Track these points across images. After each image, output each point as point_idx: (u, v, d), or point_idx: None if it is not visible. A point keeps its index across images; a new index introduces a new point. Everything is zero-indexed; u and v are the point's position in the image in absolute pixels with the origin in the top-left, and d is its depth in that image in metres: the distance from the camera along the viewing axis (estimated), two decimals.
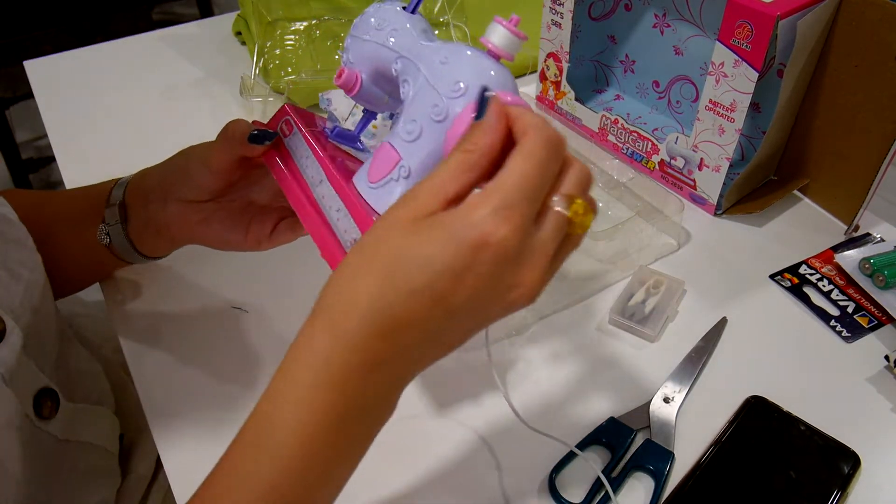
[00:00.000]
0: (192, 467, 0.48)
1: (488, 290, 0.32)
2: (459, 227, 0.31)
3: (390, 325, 0.32)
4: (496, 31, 0.38)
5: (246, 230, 0.53)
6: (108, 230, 0.54)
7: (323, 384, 0.33)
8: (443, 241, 0.31)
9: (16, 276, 0.48)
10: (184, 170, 0.51)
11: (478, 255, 0.31)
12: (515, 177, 0.32)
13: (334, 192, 0.41)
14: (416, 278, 0.32)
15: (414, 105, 0.39)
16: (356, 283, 0.33)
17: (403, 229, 0.32)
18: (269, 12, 0.86)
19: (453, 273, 0.31)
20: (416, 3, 0.42)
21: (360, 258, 0.33)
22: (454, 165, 0.33)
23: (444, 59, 0.38)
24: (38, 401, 0.49)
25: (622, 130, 0.73)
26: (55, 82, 0.88)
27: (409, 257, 0.32)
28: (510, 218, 0.31)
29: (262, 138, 0.46)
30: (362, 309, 0.32)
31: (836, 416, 0.50)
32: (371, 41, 0.42)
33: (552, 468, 0.48)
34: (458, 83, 0.36)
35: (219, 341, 0.57)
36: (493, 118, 0.33)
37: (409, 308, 0.32)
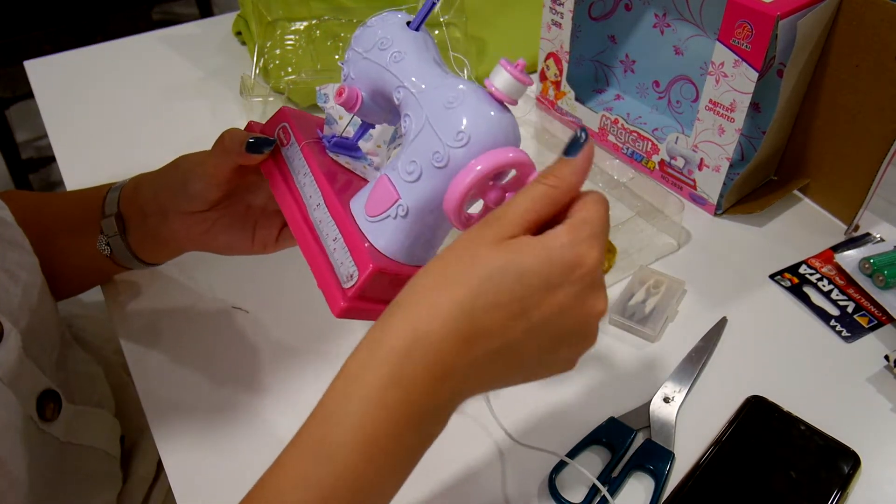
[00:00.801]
0: (193, 468, 0.49)
1: (573, 309, 0.34)
2: (556, 247, 0.33)
3: (472, 332, 0.33)
4: (500, 76, 0.37)
5: (251, 235, 0.52)
6: (107, 241, 0.53)
7: (394, 383, 0.33)
8: (540, 257, 0.33)
9: (14, 278, 0.48)
10: (180, 182, 0.50)
11: (571, 274, 0.33)
12: (598, 215, 0.35)
13: (331, 219, 0.41)
14: (507, 289, 0.33)
15: (415, 145, 0.38)
16: (441, 292, 0.33)
17: (492, 246, 0.34)
18: (269, 12, 0.86)
19: (546, 288, 0.33)
20: (420, 20, 0.41)
21: (445, 270, 0.34)
22: (539, 196, 0.35)
23: (448, 103, 0.37)
24: (41, 402, 0.49)
25: (622, 130, 0.73)
26: (55, 82, 0.88)
27: (502, 269, 0.33)
28: (599, 245, 0.34)
29: (260, 146, 0.45)
30: (446, 313, 0.33)
31: (836, 416, 0.50)
32: (373, 62, 0.41)
33: (552, 469, 0.48)
34: (460, 132, 0.37)
35: (219, 341, 0.57)
36: (584, 161, 0.35)
37: (493, 320, 0.33)
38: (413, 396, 0.33)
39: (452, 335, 0.33)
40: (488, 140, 0.37)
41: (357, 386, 0.33)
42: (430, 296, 0.33)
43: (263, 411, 0.52)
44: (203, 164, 0.49)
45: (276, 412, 0.52)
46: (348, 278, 0.39)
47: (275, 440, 0.50)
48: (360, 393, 0.33)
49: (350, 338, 0.56)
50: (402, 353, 0.33)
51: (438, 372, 0.33)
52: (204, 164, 0.48)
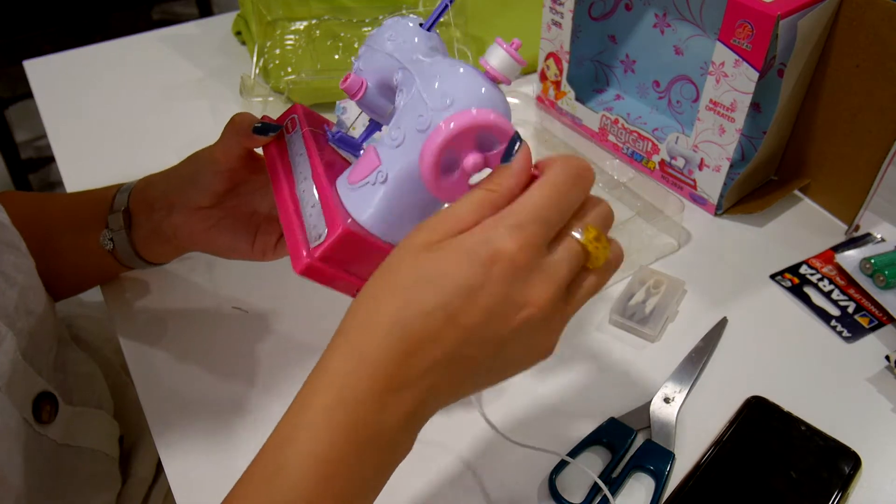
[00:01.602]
0: (193, 469, 0.49)
1: (500, 309, 0.33)
2: (472, 245, 0.33)
3: (408, 345, 0.32)
4: (495, 53, 0.38)
5: (252, 240, 0.52)
6: (111, 235, 0.54)
7: (339, 406, 0.32)
8: (456, 259, 0.32)
9: (9, 281, 0.48)
10: (190, 175, 0.51)
11: (490, 272, 0.32)
12: (531, 200, 0.33)
13: (314, 188, 0.42)
14: (430, 297, 0.32)
15: (402, 113, 0.39)
16: (375, 306, 0.33)
17: (418, 253, 0.33)
18: (268, 12, 0.86)
19: (466, 290, 0.32)
20: (432, 21, 0.42)
21: (378, 283, 0.34)
22: (475, 200, 0.34)
23: (439, 73, 0.38)
24: (37, 405, 0.49)
25: (622, 130, 0.73)
26: (54, 82, 0.88)
27: (424, 277, 0.33)
28: (522, 235, 0.33)
29: (266, 130, 0.47)
30: (381, 329, 0.32)
31: (837, 416, 0.50)
32: (380, 51, 0.42)
33: (552, 469, 0.48)
34: (446, 97, 0.37)
35: (219, 341, 0.57)
36: (520, 164, 0.35)
37: (425, 328, 0.32)
38: (361, 417, 0.32)
39: (390, 350, 0.32)
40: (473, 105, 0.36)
41: (306, 412, 0.33)
42: (364, 313, 0.34)
43: (263, 412, 0.52)
44: (212, 151, 0.50)
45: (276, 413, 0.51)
46: (317, 238, 0.39)
47: None
48: (309, 419, 0.33)
49: None
50: (345, 373, 0.33)
51: (383, 388, 0.32)
52: (213, 151, 0.50)
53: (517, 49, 0.37)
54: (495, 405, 0.52)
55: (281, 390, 0.53)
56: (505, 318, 0.33)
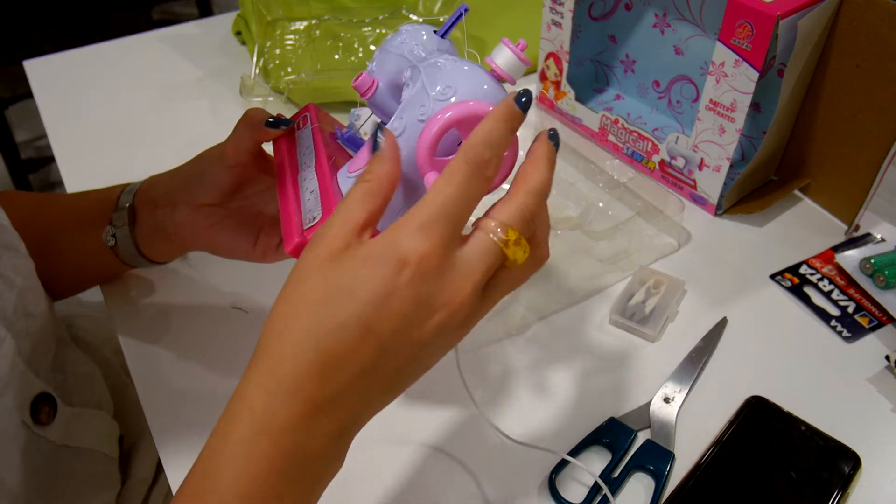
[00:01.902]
0: None
1: (414, 313, 0.32)
2: (379, 250, 0.32)
3: (323, 363, 0.31)
4: (501, 53, 0.38)
5: (254, 240, 0.52)
6: (114, 232, 0.54)
7: (259, 436, 0.31)
8: (365, 266, 0.32)
9: (8, 283, 0.48)
10: (197, 173, 0.51)
11: (400, 276, 0.31)
12: (433, 197, 0.32)
13: (314, 175, 0.42)
14: (342, 310, 0.31)
15: (406, 105, 0.39)
16: (286, 328, 0.32)
17: (323, 265, 0.32)
18: (268, 12, 0.86)
19: (378, 298, 0.31)
20: (447, 28, 0.43)
21: (287, 303, 0.33)
22: (357, 195, 0.34)
23: (444, 69, 0.38)
24: (36, 406, 0.49)
25: (622, 130, 0.73)
26: (54, 82, 0.88)
27: (333, 290, 0.32)
28: (429, 235, 0.32)
29: (278, 124, 0.48)
30: (294, 350, 0.31)
31: (837, 416, 0.50)
32: (393, 53, 0.43)
33: (552, 469, 0.48)
34: (449, 90, 0.37)
35: (219, 341, 0.57)
36: (386, 149, 0.35)
37: (339, 342, 0.31)
38: (284, 445, 0.31)
39: (305, 370, 0.31)
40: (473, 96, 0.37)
41: (227, 445, 0.32)
42: (278, 333, 0.32)
43: None
44: (221, 147, 0.50)
45: None
46: (311, 220, 0.39)
47: None
48: (229, 453, 0.31)
49: None
50: (264, 401, 0.31)
51: (305, 411, 0.31)
52: (222, 147, 0.50)
53: (523, 50, 0.38)
54: (495, 405, 0.52)
55: None
56: (421, 321, 0.32)
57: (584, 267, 0.61)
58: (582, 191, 0.69)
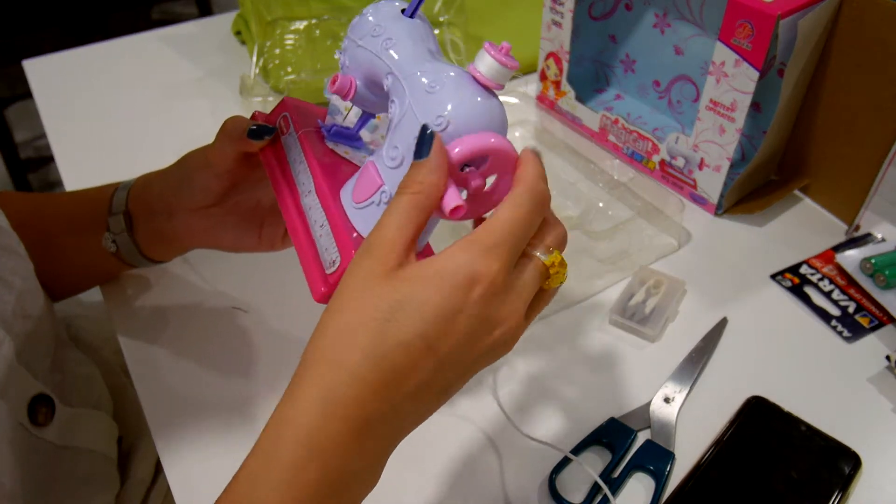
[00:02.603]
0: (193, 469, 0.49)
1: (476, 331, 0.33)
2: (450, 268, 0.32)
3: (383, 379, 0.31)
4: (484, 60, 0.36)
5: (258, 233, 0.52)
6: (114, 238, 0.53)
7: (309, 462, 0.31)
8: (433, 284, 0.32)
9: (8, 285, 0.48)
10: (186, 178, 0.50)
11: (469, 294, 0.32)
12: (504, 222, 0.33)
13: (320, 205, 0.41)
14: (408, 327, 0.31)
15: (398, 131, 0.38)
16: (344, 342, 0.32)
17: (382, 281, 0.32)
18: (268, 12, 0.86)
19: (445, 316, 0.31)
20: (414, 7, 0.41)
21: (342, 318, 0.32)
22: (406, 208, 0.33)
23: (430, 88, 0.36)
24: (33, 407, 0.48)
25: (622, 130, 0.73)
26: (54, 82, 0.87)
27: (400, 306, 0.31)
28: (499, 256, 0.32)
29: (261, 133, 0.45)
30: (352, 367, 0.31)
31: (837, 416, 0.50)
32: (365, 49, 0.41)
33: (552, 469, 0.48)
34: (440, 117, 0.35)
35: (219, 341, 0.57)
36: (436, 158, 0.34)
37: (403, 358, 0.31)
38: (335, 465, 0.31)
39: (364, 388, 0.31)
40: (469, 124, 0.35)
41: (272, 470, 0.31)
42: (332, 352, 0.32)
43: (263, 412, 0.52)
44: (207, 154, 0.49)
45: None
46: (331, 264, 0.39)
47: None
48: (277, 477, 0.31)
49: None
50: (316, 424, 0.31)
51: (358, 430, 0.31)
52: (206, 154, 0.49)
53: (507, 52, 0.36)
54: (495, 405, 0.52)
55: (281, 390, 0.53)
56: (480, 339, 0.33)
57: (584, 267, 0.61)
58: (582, 191, 0.69)
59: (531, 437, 0.49)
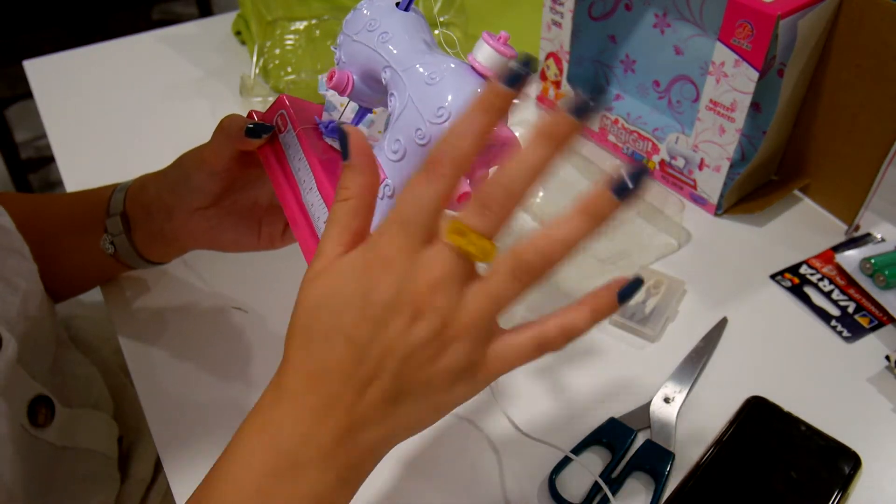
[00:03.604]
0: (193, 468, 0.48)
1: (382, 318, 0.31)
2: (349, 260, 0.33)
3: (314, 372, 0.33)
4: (482, 49, 0.36)
5: (257, 232, 0.52)
6: (112, 240, 0.53)
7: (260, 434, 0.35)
8: (343, 273, 0.33)
9: (12, 287, 0.48)
10: (182, 179, 0.50)
11: (370, 274, 0.32)
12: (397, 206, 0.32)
13: (322, 202, 0.41)
14: (326, 319, 0.33)
15: (399, 124, 0.38)
16: (289, 348, 0.35)
17: (310, 282, 0.34)
18: (268, 12, 0.86)
19: (354, 302, 0.32)
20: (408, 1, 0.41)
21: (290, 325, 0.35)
22: (340, 215, 0.34)
23: (429, 80, 0.37)
24: (33, 408, 0.48)
25: (622, 130, 0.73)
26: (54, 82, 0.88)
27: (319, 302, 0.33)
28: (390, 236, 0.32)
29: (259, 132, 0.45)
30: (293, 360, 0.34)
31: (837, 416, 0.50)
32: (361, 43, 0.41)
33: (552, 469, 0.48)
34: (441, 108, 0.36)
35: (219, 341, 0.57)
36: (357, 158, 0.33)
37: (327, 351, 0.33)
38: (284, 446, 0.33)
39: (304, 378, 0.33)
40: None
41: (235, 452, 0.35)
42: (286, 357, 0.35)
43: None
44: (203, 153, 0.49)
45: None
46: None
47: None
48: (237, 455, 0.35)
49: None
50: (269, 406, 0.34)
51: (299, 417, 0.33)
52: (202, 153, 0.48)
53: (506, 41, 0.36)
54: (495, 405, 0.52)
55: None
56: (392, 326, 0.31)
57: (584, 267, 0.61)
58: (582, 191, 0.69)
59: (531, 437, 0.49)
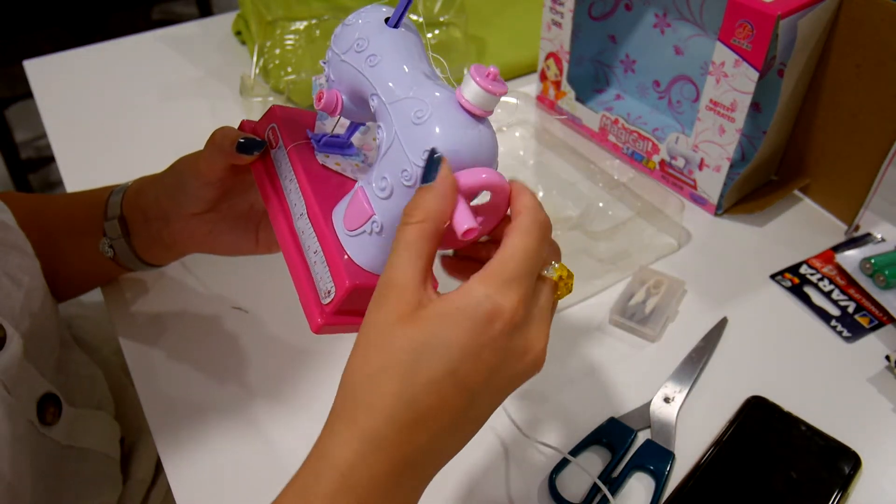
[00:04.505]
0: (194, 469, 0.49)
1: (504, 362, 0.33)
2: (471, 304, 0.32)
3: (417, 419, 0.32)
4: (469, 87, 0.35)
5: (255, 236, 0.52)
6: (110, 243, 0.53)
7: (345, 492, 0.31)
8: (456, 322, 0.32)
9: (16, 282, 0.48)
10: (178, 185, 0.49)
11: (492, 328, 0.32)
12: (518, 252, 0.33)
13: (313, 231, 0.40)
14: (436, 366, 0.32)
15: (386, 160, 0.37)
16: (375, 386, 0.32)
17: (405, 323, 0.32)
18: (268, 12, 0.86)
19: (471, 352, 0.32)
20: (398, 16, 0.39)
21: (369, 363, 0.33)
22: (414, 239, 0.33)
23: (416, 118, 0.35)
24: (42, 406, 0.48)
25: (622, 130, 0.73)
26: (54, 82, 0.88)
27: (425, 347, 0.32)
28: (517, 289, 0.33)
29: (251, 148, 0.44)
30: (387, 408, 0.32)
31: (837, 416, 0.50)
32: (349, 64, 0.39)
33: (553, 469, 0.48)
34: (426, 151, 0.35)
35: (219, 342, 0.57)
36: (442, 184, 0.34)
37: (434, 397, 0.32)
38: (372, 500, 0.32)
39: (399, 429, 0.32)
40: (458, 158, 0.34)
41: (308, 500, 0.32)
42: (364, 393, 0.32)
43: (263, 412, 0.52)
44: (196, 162, 0.48)
45: (276, 413, 0.52)
46: (326, 294, 0.38)
47: (274, 441, 0.50)
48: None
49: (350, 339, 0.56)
50: (349, 463, 0.32)
51: (395, 468, 0.32)
52: (197, 163, 0.48)
53: (495, 77, 0.35)
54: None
55: (281, 390, 0.53)
56: (509, 367, 0.34)
57: (584, 267, 0.61)
58: (582, 191, 0.69)
59: (531, 438, 0.49)
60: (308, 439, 0.34)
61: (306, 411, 0.52)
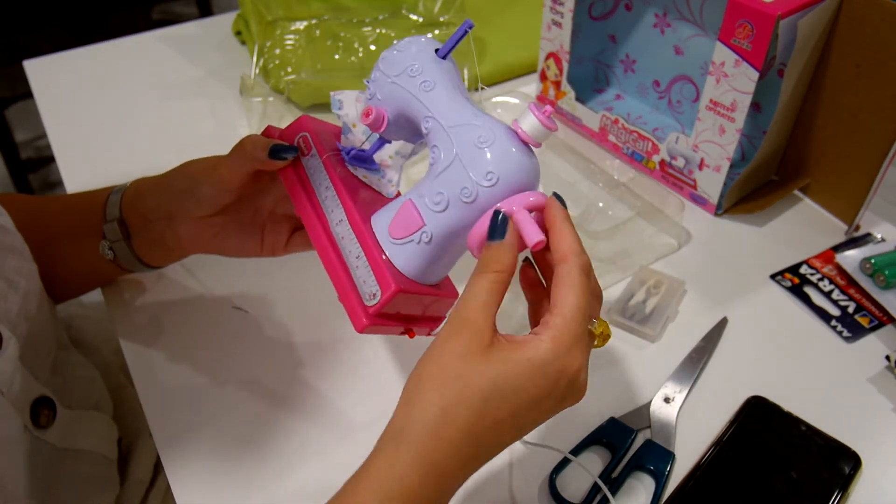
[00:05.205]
0: (193, 469, 0.49)
1: (557, 406, 0.38)
2: (545, 362, 0.36)
3: (475, 453, 0.36)
4: (528, 120, 0.39)
5: (260, 239, 0.52)
6: (110, 245, 0.53)
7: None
8: (529, 375, 0.36)
9: (13, 286, 0.48)
10: (187, 187, 0.49)
11: (557, 383, 0.36)
12: (577, 313, 0.37)
13: (354, 237, 0.42)
14: (504, 408, 0.35)
15: (443, 177, 0.40)
16: (447, 418, 0.35)
17: (479, 360, 0.35)
18: (268, 12, 0.86)
19: (536, 402, 0.36)
20: (449, 48, 0.42)
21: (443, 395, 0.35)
22: (491, 288, 0.37)
23: (479, 143, 0.39)
24: (36, 409, 0.48)
25: (622, 130, 0.73)
26: (54, 82, 0.88)
27: (500, 391, 0.35)
28: (581, 350, 0.37)
29: (283, 153, 0.45)
30: (455, 441, 0.35)
31: (837, 416, 0.50)
32: (400, 87, 0.42)
33: (553, 468, 0.48)
34: (490, 173, 0.38)
35: (219, 342, 0.57)
36: (511, 238, 0.38)
37: (494, 434, 0.36)
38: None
39: (461, 460, 0.35)
40: (515, 182, 0.39)
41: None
42: (435, 424, 0.35)
43: (263, 412, 0.52)
44: (216, 168, 0.48)
45: (276, 413, 0.52)
46: (371, 297, 0.41)
47: (275, 442, 0.50)
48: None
49: (349, 340, 0.56)
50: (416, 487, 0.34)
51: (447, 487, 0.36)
52: (217, 169, 0.48)
53: (550, 115, 0.39)
54: None
55: (282, 390, 0.53)
56: (555, 409, 0.38)
57: None
58: (582, 191, 0.69)
59: (531, 443, 0.49)
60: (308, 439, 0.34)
61: (306, 412, 0.52)
